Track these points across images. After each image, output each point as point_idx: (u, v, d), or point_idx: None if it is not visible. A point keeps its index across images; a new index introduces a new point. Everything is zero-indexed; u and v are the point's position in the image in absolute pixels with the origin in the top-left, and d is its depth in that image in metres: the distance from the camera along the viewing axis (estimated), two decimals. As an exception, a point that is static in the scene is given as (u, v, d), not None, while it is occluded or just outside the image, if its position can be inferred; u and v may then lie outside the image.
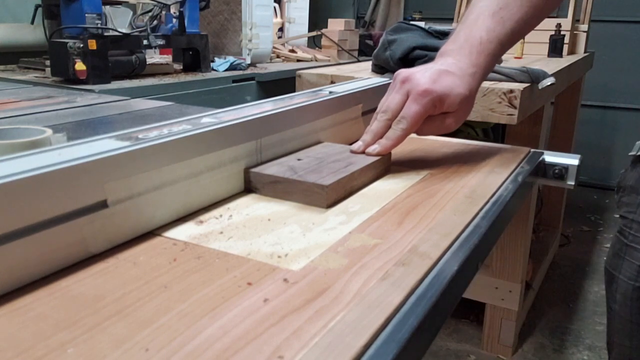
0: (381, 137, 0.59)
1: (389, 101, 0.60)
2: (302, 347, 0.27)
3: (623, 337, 0.88)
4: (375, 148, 0.58)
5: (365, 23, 3.54)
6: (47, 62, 1.50)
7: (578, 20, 2.24)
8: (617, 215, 0.90)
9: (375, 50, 1.40)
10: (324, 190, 0.48)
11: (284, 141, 0.57)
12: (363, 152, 0.58)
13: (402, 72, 0.60)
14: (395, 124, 0.58)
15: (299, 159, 0.55)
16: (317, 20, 2.96)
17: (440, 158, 0.66)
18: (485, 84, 1.16)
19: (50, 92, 1.12)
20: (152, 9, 1.62)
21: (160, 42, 1.60)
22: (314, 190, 0.48)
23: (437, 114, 0.60)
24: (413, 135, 0.60)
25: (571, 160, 0.66)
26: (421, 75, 0.59)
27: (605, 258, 0.94)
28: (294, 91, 0.80)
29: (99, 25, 1.45)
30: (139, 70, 1.60)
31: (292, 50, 2.34)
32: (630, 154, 0.90)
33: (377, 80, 0.77)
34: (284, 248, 0.39)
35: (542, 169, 0.67)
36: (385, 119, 0.59)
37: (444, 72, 0.59)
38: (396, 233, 0.43)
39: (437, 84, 0.58)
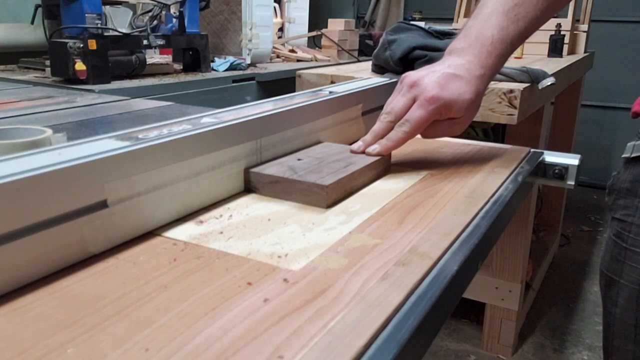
0: (382, 138, 0.59)
1: (394, 104, 0.59)
2: (302, 347, 0.27)
3: (625, 342, 0.87)
4: (375, 148, 0.58)
5: (365, 23, 3.54)
6: (47, 62, 1.50)
7: (578, 20, 2.24)
8: (613, 217, 0.89)
9: (375, 50, 1.40)
10: (324, 190, 0.48)
11: (284, 141, 0.57)
12: (363, 152, 0.58)
13: (410, 76, 0.60)
14: (398, 126, 0.58)
15: (299, 159, 0.55)
16: (317, 20, 2.96)
17: (440, 158, 0.66)
18: (485, 84, 1.16)
19: (50, 92, 1.12)
20: (152, 9, 1.62)
21: (160, 42, 1.60)
22: (314, 190, 0.48)
23: (443, 120, 0.60)
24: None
25: (571, 160, 0.66)
26: (429, 81, 0.58)
27: (600, 261, 0.93)
28: (294, 91, 0.80)
29: (99, 25, 1.45)
30: (139, 70, 1.60)
31: (292, 50, 2.34)
32: (623, 156, 0.89)
33: (377, 80, 0.77)
34: (284, 248, 0.39)
35: (542, 169, 0.67)
36: (388, 121, 0.59)
37: (451, 77, 0.58)
38: (396, 233, 0.43)
39: (444, 91, 0.57)
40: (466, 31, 0.63)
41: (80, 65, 1.37)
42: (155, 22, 1.62)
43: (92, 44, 1.39)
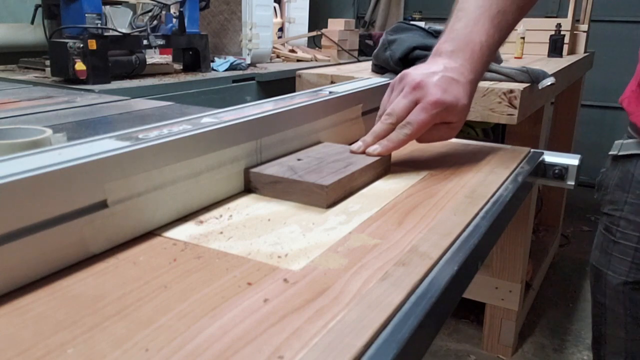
0: (383, 139, 0.58)
1: (395, 105, 0.59)
2: (302, 347, 0.27)
3: (617, 330, 0.90)
4: (376, 148, 0.58)
5: (365, 23, 3.54)
6: (47, 62, 1.50)
7: (578, 20, 2.24)
8: (602, 212, 0.91)
9: (375, 50, 1.40)
10: (324, 190, 0.48)
11: (284, 141, 0.57)
12: (363, 153, 0.58)
13: (411, 75, 0.59)
14: (400, 128, 0.58)
15: (299, 159, 0.55)
16: (317, 20, 2.96)
17: (440, 158, 0.66)
18: (485, 84, 1.16)
19: (50, 92, 1.12)
20: (152, 9, 1.62)
21: (160, 42, 1.60)
22: (314, 190, 0.48)
23: (440, 124, 0.60)
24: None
25: (571, 160, 0.66)
26: (431, 83, 0.58)
27: (591, 255, 0.96)
28: (294, 91, 0.80)
29: (99, 25, 1.45)
30: (139, 70, 1.60)
31: (292, 50, 2.34)
32: (610, 153, 0.92)
33: (377, 80, 0.77)
34: (284, 248, 0.39)
35: (542, 169, 0.67)
36: (389, 123, 0.59)
37: (450, 80, 0.59)
38: (396, 233, 0.43)
39: (446, 94, 0.58)
40: (452, 34, 0.63)
41: (80, 65, 1.37)
42: (155, 22, 1.62)
43: (92, 44, 1.39)
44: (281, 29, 2.49)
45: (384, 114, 0.60)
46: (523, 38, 1.99)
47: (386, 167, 0.59)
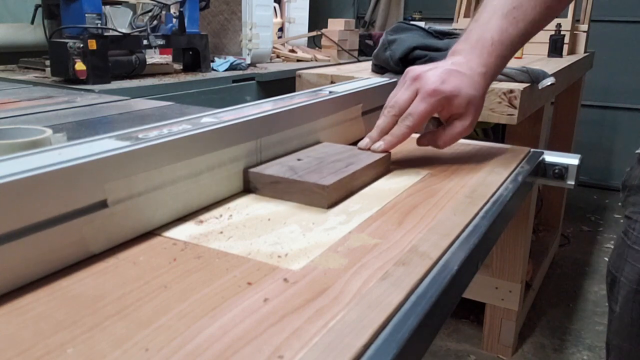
0: (387, 134, 0.60)
1: (397, 97, 0.61)
2: (302, 347, 0.27)
3: (622, 339, 0.88)
4: (380, 145, 0.59)
5: (365, 23, 3.54)
6: (47, 62, 1.50)
7: (578, 20, 2.24)
8: (624, 215, 0.89)
9: (375, 50, 1.40)
10: (325, 190, 0.48)
11: (284, 141, 0.57)
12: (369, 149, 0.60)
13: (414, 70, 0.62)
14: (401, 121, 0.60)
15: (299, 159, 0.55)
16: (317, 20, 2.96)
17: (440, 158, 0.66)
18: (485, 84, 1.16)
19: (50, 92, 1.12)
20: (152, 9, 1.62)
21: (160, 42, 1.60)
22: (315, 190, 0.48)
23: (450, 121, 0.61)
24: (413, 135, 0.61)
25: (571, 160, 0.66)
26: (431, 74, 0.60)
27: (607, 258, 0.93)
28: (294, 91, 0.80)
29: (99, 25, 1.45)
30: (139, 70, 1.59)
31: (292, 50, 2.34)
32: (637, 152, 0.89)
33: (377, 80, 0.77)
34: (284, 248, 0.39)
35: (542, 169, 0.67)
36: (392, 115, 0.60)
37: (453, 72, 0.60)
38: (396, 233, 0.43)
39: (445, 84, 0.59)
40: (467, 34, 0.65)
41: (80, 65, 1.36)
42: (155, 22, 1.62)
43: (92, 44, 1.39)
44: (281, 29, 2.49)
45: (387, 107, 0.62)
46: (523, 38, 1.98)
47: (386, 166, 0.60)
